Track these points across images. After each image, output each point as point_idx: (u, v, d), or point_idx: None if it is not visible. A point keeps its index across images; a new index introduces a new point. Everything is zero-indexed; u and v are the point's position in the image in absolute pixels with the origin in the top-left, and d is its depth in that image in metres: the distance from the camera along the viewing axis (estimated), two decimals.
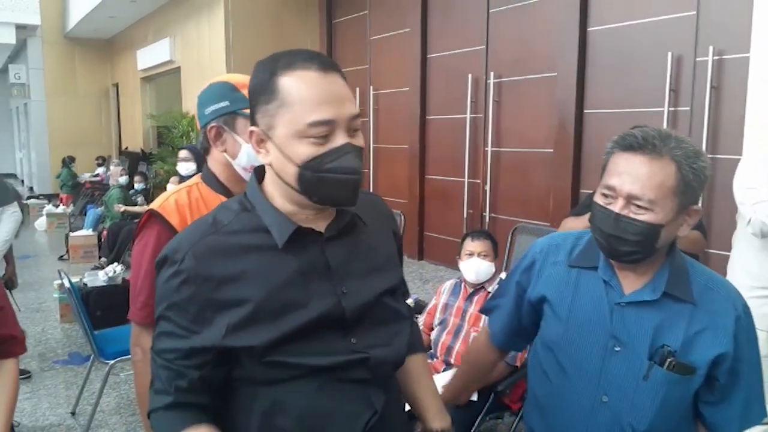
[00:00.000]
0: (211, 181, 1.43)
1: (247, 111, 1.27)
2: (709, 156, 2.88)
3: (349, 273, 1.04)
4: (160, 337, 0.99)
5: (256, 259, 0.98)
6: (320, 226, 1.04)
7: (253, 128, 1.01)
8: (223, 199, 1.34)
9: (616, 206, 1.14)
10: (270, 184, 1.04)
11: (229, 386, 1.02)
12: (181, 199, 1.39)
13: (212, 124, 1.39)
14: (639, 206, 1.13)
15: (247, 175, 1.38)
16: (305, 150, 0.95)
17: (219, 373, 1.00)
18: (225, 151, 1.38)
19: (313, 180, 0.96)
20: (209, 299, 0.95)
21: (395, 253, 1.19)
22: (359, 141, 1.00)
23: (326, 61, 0.98)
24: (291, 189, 0.99)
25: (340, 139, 0.96)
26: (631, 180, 1.13)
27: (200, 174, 1.47)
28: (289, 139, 0.96)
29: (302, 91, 0.95)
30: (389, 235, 1.19)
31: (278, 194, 1.03)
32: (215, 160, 1.43)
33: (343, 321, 1.01)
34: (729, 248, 2.62)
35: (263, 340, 0.95)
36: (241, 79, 1.40)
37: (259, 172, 1.08)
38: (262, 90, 0.99)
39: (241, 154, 1.38)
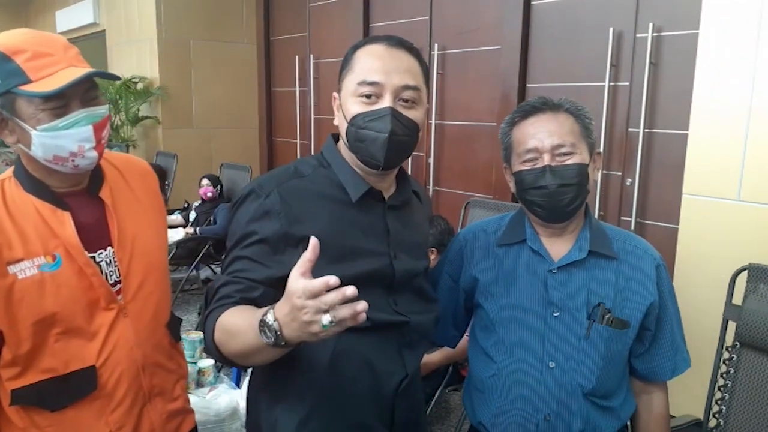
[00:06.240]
0: (22, 176, 1.15)
1: (27, 88, 1.04)
2: (646, 130, 3.00)
3: (400, 243, 1.15)
4: (234, 261, 1.04)
5: (329, 207, 1.08)
6: (385, 192, 1.16)
7: (334, 94, 1.12)
8: (35, 200, 1.13)
9: (543, 162, 1.22)
10: (342, 146, 1.15)
11: None
12: None
13: None
14: (564, 153, 1.22)
15: (64, 168, 1.11)
16: (354, 108, 1.07)
17: None
18: (18, 141, 1.11)
19: (354, 136, 1.08)
20: (287, 233, 1.03)
21: (427, 238, 1.34)
22: (411, 113, 1.09)
23: (397, 40, 1.10)
24: (347, 147, 1.12)
25: (384, 103, 1.06)
26: (548, 134, 1.23)
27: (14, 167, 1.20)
28: (347, 98, 1.09)
29: (364, 58, 1.08)
30: (426, 221, 1.35)
31: (346, 155, 1.14)
32: (20, 151, 1.15)
33: (391, 281, 1.12)
34: (665, 220, 2.74)
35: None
36: (11, 41, 1.06)
37: (336, 136, 1.19)
38: (344, 64, 1.12)
39: (33, 144, 1.08)
